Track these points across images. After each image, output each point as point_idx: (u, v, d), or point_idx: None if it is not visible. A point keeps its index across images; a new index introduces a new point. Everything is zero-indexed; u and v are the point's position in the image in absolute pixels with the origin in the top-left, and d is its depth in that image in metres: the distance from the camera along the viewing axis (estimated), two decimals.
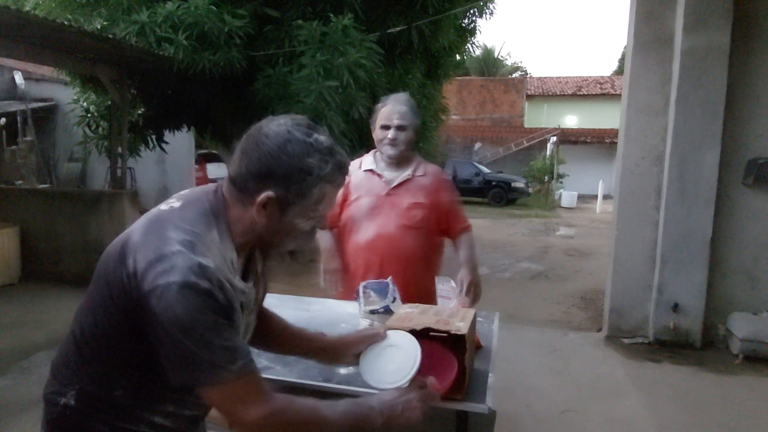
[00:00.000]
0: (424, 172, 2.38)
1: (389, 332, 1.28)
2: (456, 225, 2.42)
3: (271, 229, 1.08)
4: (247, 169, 1.04)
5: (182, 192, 1.14)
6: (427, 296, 2.04)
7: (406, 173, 2.35)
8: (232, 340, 1.00)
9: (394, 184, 2.33)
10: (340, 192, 2.36)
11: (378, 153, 2.40)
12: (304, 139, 1.04)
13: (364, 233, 2.32)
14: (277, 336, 1.37)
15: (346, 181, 2.37)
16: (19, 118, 10.87)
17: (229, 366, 0.97)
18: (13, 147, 10.65)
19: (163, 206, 1.08)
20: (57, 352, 1.15)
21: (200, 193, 1.10)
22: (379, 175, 2.36)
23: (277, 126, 1.05)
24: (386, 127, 2.30)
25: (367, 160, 2.43)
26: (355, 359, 1.29)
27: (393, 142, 2.30)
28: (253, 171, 1.03)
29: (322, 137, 1.07)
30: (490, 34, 62.79)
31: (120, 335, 1.03)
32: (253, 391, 1.01)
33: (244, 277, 1.14)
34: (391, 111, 2.30)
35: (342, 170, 1.10)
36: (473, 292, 2.27)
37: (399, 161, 2.35)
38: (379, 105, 2.38)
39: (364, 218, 2.32)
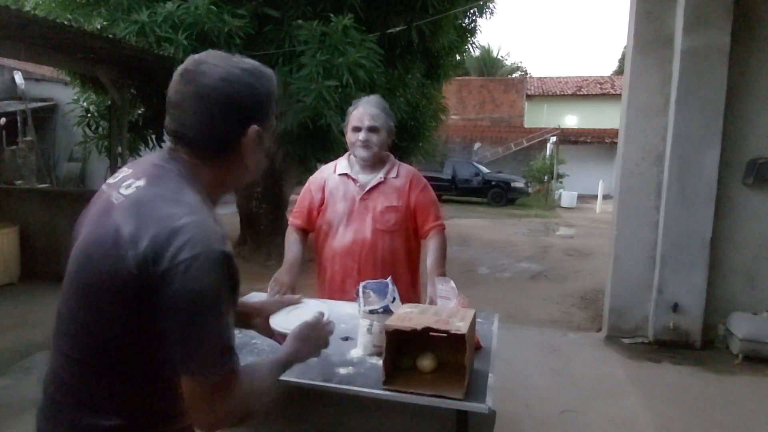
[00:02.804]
0: (397, 173, 2.35)
1: (304, 299, 1.54)
2: (424, 225, 2.34)
3: (253, 164, 1.11)
4: (216, 124, 1.03)
5: (129, 171, 1.08)
6: (407, 299, 2.02)
7: (379, 176, 2.32)
8: (231, 324, 0.99)
9: (368, 188, 2.31)
10: (317, 196, 2.36)
11: (352, 156, 2.37)
12: (243, 76, 1.05)
13: (341, 239, 2.31)
14: None
15: (322, 185, 2.36)
16: (19, 118, 10.87)
17: (226, 354, 0.96)
18: (13, 147, 10.65)
19: (127, 191, 1.02)
20: (59, 383, 1.05)
21: (159, 167, 1.05)
22: (353, 179, 2.33)
23: (215, 72, 1.03)
24: (357, 129, 2.27)
25: (342, 164, 2.39)
26: (265, 322, 1.43)
27: (365, 144, 2.27)
28: (225, 119, 1.03)
29: (240, 63, 1.08)
30: (490, 33, 62.82)
31: (135, 338, 0.98)
32: (233, 384, 0.98)
33: None
34: (363, 113, 2.27)
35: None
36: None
37: (373, 164, 2.33)
38: (351, 108, 2.34)
39: (340, 223, 2.31)
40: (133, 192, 1.01)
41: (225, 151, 1.06)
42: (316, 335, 1.30)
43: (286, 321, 1.39)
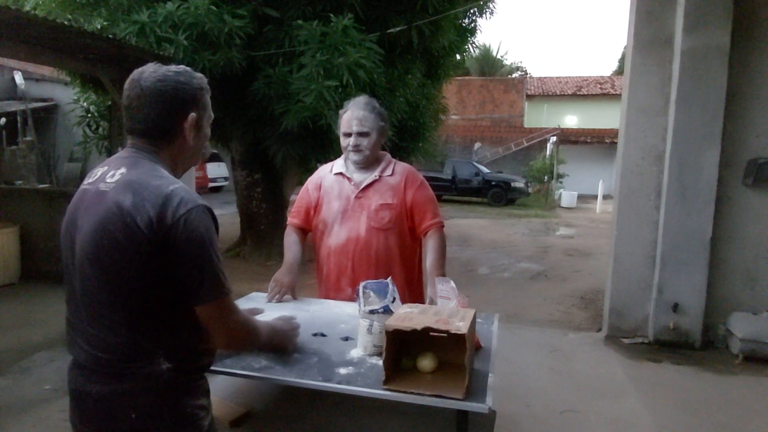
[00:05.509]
0: (392, 171, 2.36)
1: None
2: (422, 223, 2.33)
3: (197, 145, 1.37)
4: (159, 115, 1.28)
5: (105, 167, 1.29)
6: (402, 298, 2.02)
7: (374, 175, 2.33)
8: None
9: (363, 186, 2.32)
10: (313, 195, 2.37)
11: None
12: (175, 76, 1.29)
13: (336, 237, 2.33)
14: None
15: (318, 184, 2.37)
16: (19, 118, 10.88)
17: (226, 281, 1.24)
18: (13, 147, 10.65)
19: (112, 179, 1.24)
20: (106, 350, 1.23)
21: (131, 158, 1.28)
22: (348, 178, 2.35)
23: (152, 77, 1.27)
24: (347, 135, 2.29)
25: (338, 164, 2.41)
26: None
27: (356, 149, 2.28)
28: (165, 110, 1.28)
29: (173, 68, 1.31)
30: (490, 33, 62.73)
31: (159, 288, 1.20)
32: (234, 304, 1.30)
33: None
34: (351, 117, 2.28)
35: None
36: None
37: (367, 164, 2.34)
38: (341, 111, 2.35)
39: (335, 222, 2.33)
40: (120, 178, 1.23)
41: (173, 136, 1.31)
42: (288, 327, 1.65)
43: None
